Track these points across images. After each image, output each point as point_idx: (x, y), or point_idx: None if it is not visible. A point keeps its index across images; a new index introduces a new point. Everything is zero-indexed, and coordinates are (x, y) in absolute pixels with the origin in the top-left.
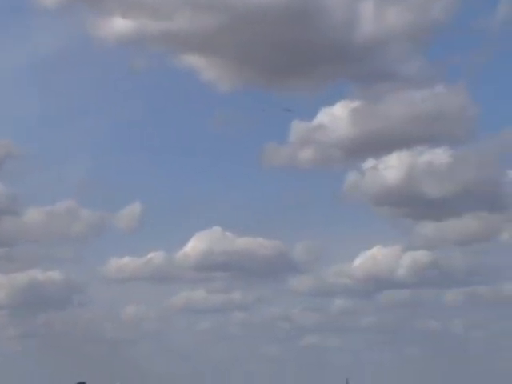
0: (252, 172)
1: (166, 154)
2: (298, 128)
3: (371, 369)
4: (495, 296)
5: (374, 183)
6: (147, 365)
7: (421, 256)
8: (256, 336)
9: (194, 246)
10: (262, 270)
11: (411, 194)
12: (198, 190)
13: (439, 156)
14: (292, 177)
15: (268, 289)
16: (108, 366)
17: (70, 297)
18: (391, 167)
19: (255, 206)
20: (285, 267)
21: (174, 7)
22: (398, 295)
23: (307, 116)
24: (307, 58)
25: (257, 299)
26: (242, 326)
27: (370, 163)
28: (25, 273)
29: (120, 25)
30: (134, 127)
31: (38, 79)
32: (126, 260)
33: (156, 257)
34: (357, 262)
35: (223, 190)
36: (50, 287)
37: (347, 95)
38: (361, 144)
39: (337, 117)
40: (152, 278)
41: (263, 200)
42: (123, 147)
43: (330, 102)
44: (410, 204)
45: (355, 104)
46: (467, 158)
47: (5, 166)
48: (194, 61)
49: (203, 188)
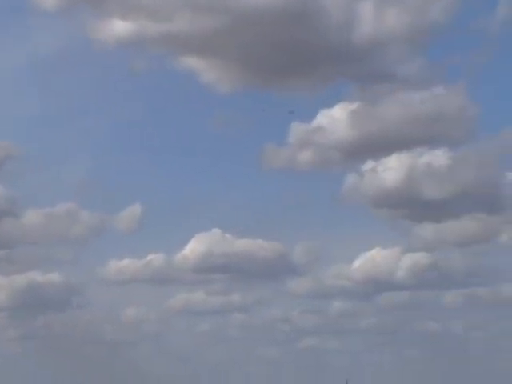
0: (251, 173)
1: (166, 156)
2: (297, 129)
3: (371, 370)
4: (494, 297)
5: (373, 185)
6: (147, 366)
7: (420, 258)
8: (255, 338)
9: (194, 247)
10: (261, 272)
11: (410, 196)
12: (197, 192)
13: (438, 157)
14: (291, 178)
15: (267, 291)
16: (107, 368)
17: (70, 299)
18: (390, 169)
19: (254, 207)
20: (284, 269)
21: (174, 9)
22: (398, 297)
23: (306, 117)
24: (306, 59)
25: (256, 301)
26: (241, 327)
27: (369, 165)
28: (24, 275)
29: (120, 26)
30: (133, 129)
31: (38, 80)
32: (125, 262)
33: (155, 259)
34: (356, 263)
35: (222, 191)
36: (50, 289)
37: (346, 96)
38: (360, 146)
39: (336, 118)
40: (151, 280)
41: (262, 201)
42: (123, 149)
43: (330, 104)
44: (409, 206)
45: (354, 106)
46: (467, 160)
47: (4, 167)
48: (193, 62)
49: (202, 189)
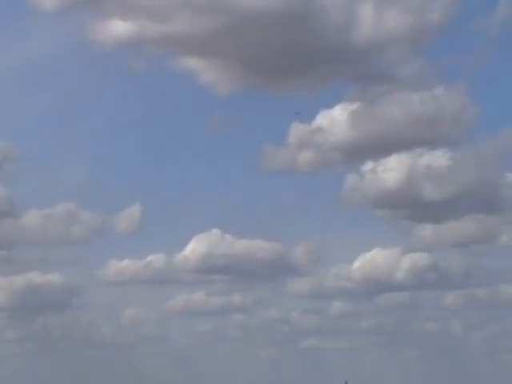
0: (251, 174)
1: (166, 156)
2: (297, 130)
3: (371, 371)
4: (494, 298)
5: (373, 185)
6: (146, 367)
7: (420, 258)
8: (255, 338)
9: (194, 248)
10: (261, 273)
11: (410, 197)
12: (197, 192)
13: (438, 158)
14: (291, 179)
15: (267, 291)
16: (107, 369)
17: (69, 299)
18: (390, 169)
19: (254, 208)
20: (284, 269)
21: (173, 10)
22: (398, 297)
23: (306, 118)
24: (306, 59)
25: (256, 302)
26: (241, 328)
27: (369, 165)
28: (23, 275)
29: (119, 27)
30: (133, 129)
31: (37, 81)
32: (125, 263)
33: (155, 259)
34: (356, 264)
35: (222, 191)
36: (49, 290)
37: (346, 97)
38: (360, 146)
39: (336, 119)
40: (151, 281)
41: (262, 202)
42: (123, 149)
43: (329, 104)
44: (409, 206)
45: (354, 106)
46: (466, 160)
47: (3, 168)
48: (192, 63)
49: (202, 190)
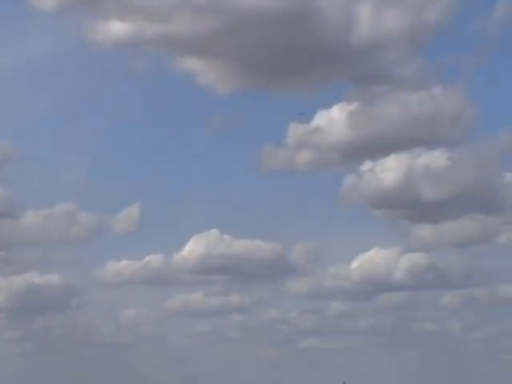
0: (250, 174)
1: (165, 157)
2: (295, 130)
3: (369, 371)
4: (493, 298)
5: (371, 185)
6: (145, 368)
7: (418, 258)
8: (254, 338)
9: (192, 248)
10: (259, 273)
11: (409, 197)
12: (195, 193)
13: (437, 158)
14: (290, 179)
15: (266, 291)
16: (106, 369)
17: (68, 300)
18: (389, 169)
19: (253, 208)
20: (283, 270)
21: (172, 10)
22: (396, 297)
23: (305, 118)
24: (305, 60)
25: (255, 302)
26: (240, 328)
27: (367, 165)
28: (22, 276)
29: (118, 28)
30: (132, 130)
31: (36, 81)
32: (123, 263)
33: (154, 260)
34: (354, 264)
35: (221, 192)
36: (48, 290)
37: (345, 97)
38: (358, 146)
39: (334, 119)
40: (150, 281)
41: (261, 202)
42: (121, 150)
43: (328, 105)
44: (407, 206)
45: (353, 106)
46: (465, 160)
47: (2, 168)
48: (191, 63)
49: (201, 190)
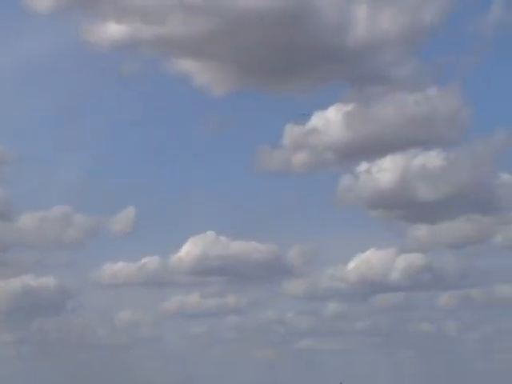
0: (246, 175)
1: (160, 158)
2: (291, 131)
3: (365, 372)
4: (489, 298)
5: (367, 186)
6: (141, 369)
7: (414, 259)
8: (251, 340)
9: (189, 250)
10: (256, 274)
11: (405, 197)
12: (191, 194)
13: (433, 159)
14: (286, 180)
15: (262, 292)
16: (102, 371)
17: (64, 302)
18: (385, 170)
19: (249, 209)
20: (279, 271)
21: (168, 11)
22: (392, 298)
23: (301, 119)
24: (301, 61)
25: (251, 303)
26: (236, 329)
27: (363, 166)
28: (18, 278)
29: (113, 29)
30: (127, 131)
31: (32, 82)
32: (119, 265)
33: (150, 261)
34: (351, 265)
35: (217, 193)
36: (44, 293)
37: (341, 98)
38: (354, 147)
39: (330, 120)
40: (146, 283)
41: (257, 203)
42: (117, 151)
43: (324, 106)
44: (403, 207)
45: (349, 107)
46: (461, 161)
47: None
48: (187, 65)
49: (197, 192)
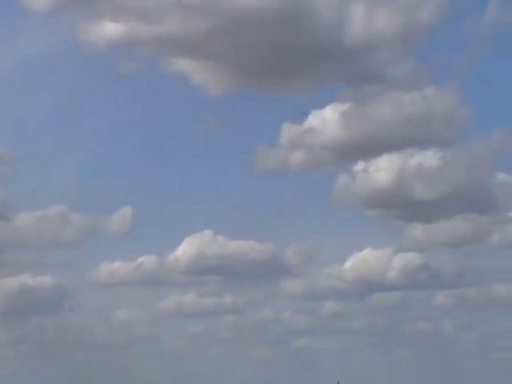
0: (243, 175)
1: (157, 158)
2: (288, 131)
3: (363, 371)
4: (485, 298)
5: (364, 185)
6: (138, 369)
7: (411, 258)
8: (248, 339)
9: (185, 249)
10: (253, 273)
11: (402, 196)
12: (188, 193)
13: (429, 158)
14: (283, 179)
15: (259, 292)
16: (99, 371)
17: (61, 301)
18: (382, 169)
19: (246, 208)
20: (276, 270)
21: (165, 11)
22: (389, 297)
23: (298, 119)
24: (298, 60)
25: (248, 302)
26: (233, 329)
27: (360, 166)
28: (16, 278)
29: (110, 28)
30: (124, 131)
31: (28, 82)
32: (117, 264)
33: (147, 261)
34: (348, 264)
35: (214, 192)
36: (41, 292)
37: (338, 97)
38: (351, 146)
39: (327, 119)
40: (143, 282)
41: (254, 203)
42: (114, 151)
43: (321, 105)
44: (400, 206)
45: (345, 106)
46: (457, 160)
47: None
48: (184, 64)
49: (194, 191)
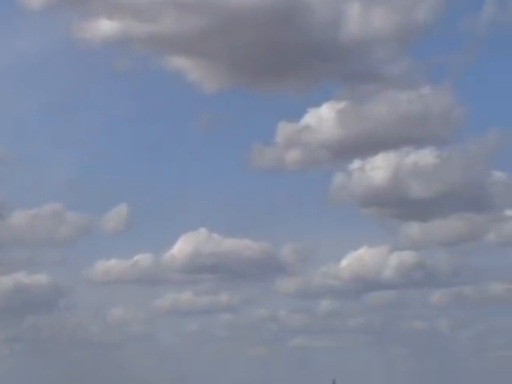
0: (238, 173)
1: (152, 155)
2: (284, 129)
3: (359, 369)
4: (481, 296)
5: (360, 184)
6: (134, 367)
7: (407, 256)
8: (243, 337)
9: (181, 247)
10: (249, 272)
11: (398, 195)
12: (184, 191)
13: (425, 157)
14: (279, 178)
15: (255, 290)
16: (95, 369)
17: (57, 300)
18: (378, 168)
19: (242, 207)
20: (272, 268)
21: (160, 9)
22: (385, 296)
23: (294, 117)
24: (294, 58)
25: (244, 301)
26: (229, 327)
27: (356, 164)
28: (11, 276)
29: (105, 26)
30: (119, 129)
31: (23, 81)
32: (112, 262)
33: (143, 259)
34: (344, 262)
35: (210, 190)
36: (37, 290)
37: (334, 96)
38: (347, 145)
39: (323, 118)
40: (139, 281)
41: (250, 201)
42: (109, 148)
43: (317, 103)
44: (396, 205)
45: (342, 105)
46: (453, 159)
47: None
48: (180, 62)
49: (189, 189)
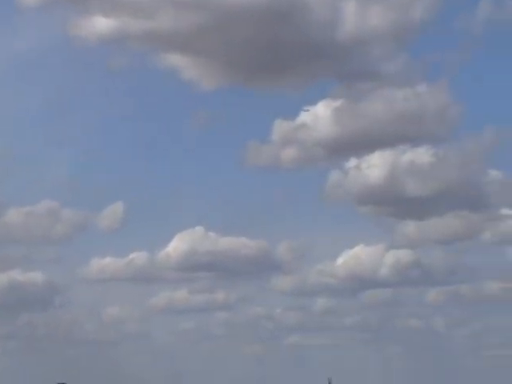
0: (235, 171)
1: (148, 153)
2: (280, 127)
3: (354, 367)
4: (477, 294)
5: (356, 182)
6: (130, 365)
7: (403, 255)
8: (239, 335)
9: (177, 245)
10: (245, 270)
11: (394, 193)
12: (180, 189)
13: (421, 155)
14: (275, 176)
15: (251, 288)
16: (90, 367)
17: (52, 298)
18: (374, 166)
19: (238, 205)
20: (268, 266)
21: (156, 6)
22: (381, 294)
23: (290, 115)
24: (290, 56)
25: (240, 299)
26: (225, 325)
27: (352, 162)
28: (6, 273)
29: (101, 23)
30: (116, 126)
31: (18, 78)
32: (107, 260)
33: (138, 257)
34: (340, 260)
35: (206, 188)
36: (32, 288)
37: (330, 94)
38: (343, 143)
39: (319, 116)
40: (134, 279)
41: (246, 199)
42: (105, 147)
43: (313, 101)
44: (392, 203)
45: (338, 103)
46: (449, 157)
47: None
48: (176, 59)
49: (186, 187)
